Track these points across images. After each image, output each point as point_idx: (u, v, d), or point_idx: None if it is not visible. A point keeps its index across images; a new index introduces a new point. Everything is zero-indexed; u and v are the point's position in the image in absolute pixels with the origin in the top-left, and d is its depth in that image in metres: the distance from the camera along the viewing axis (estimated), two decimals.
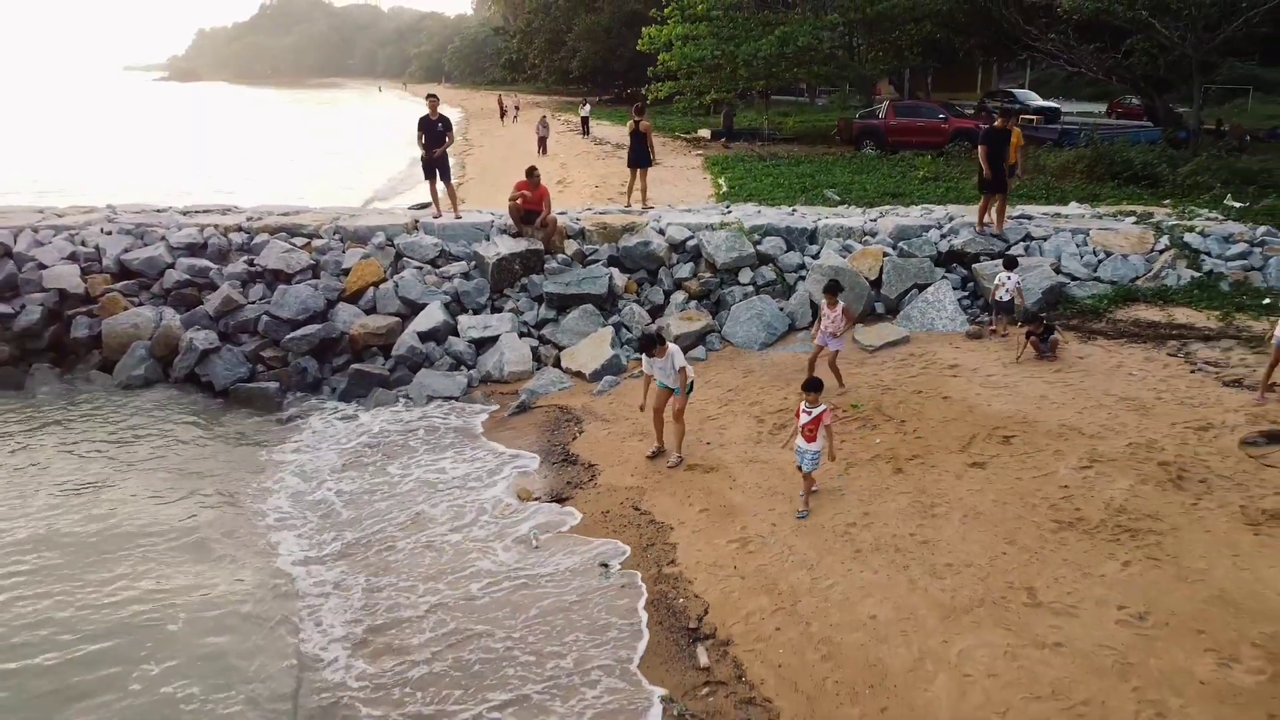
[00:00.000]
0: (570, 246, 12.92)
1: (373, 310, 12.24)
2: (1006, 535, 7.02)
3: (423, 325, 11.80)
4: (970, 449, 8.45)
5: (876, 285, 12.42)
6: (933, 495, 7.71)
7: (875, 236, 13.19)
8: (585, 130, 36.99)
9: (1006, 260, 11.60)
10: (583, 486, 8.73)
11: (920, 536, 7.14)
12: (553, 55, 64.33)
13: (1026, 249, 12.72)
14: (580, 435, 9.82)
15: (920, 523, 7.32)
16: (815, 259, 12.86)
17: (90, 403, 11.09)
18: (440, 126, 13.29)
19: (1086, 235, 12.98)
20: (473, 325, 11.91)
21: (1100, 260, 12.51)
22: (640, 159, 15.05)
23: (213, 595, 7.27)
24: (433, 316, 11.91)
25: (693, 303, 12.41)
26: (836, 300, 9.77)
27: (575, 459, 9.28)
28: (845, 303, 10.12)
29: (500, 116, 52.37)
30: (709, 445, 9.18)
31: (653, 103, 33.61)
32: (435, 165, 13.43)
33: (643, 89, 33.78)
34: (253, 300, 12.33)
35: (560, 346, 11.82)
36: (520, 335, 11.88)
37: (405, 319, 12.04)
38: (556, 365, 11.59)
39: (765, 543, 7.29)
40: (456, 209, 13.80)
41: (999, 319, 11.49)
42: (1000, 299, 11.34)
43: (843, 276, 12.05)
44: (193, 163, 38.66)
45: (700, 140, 32.08)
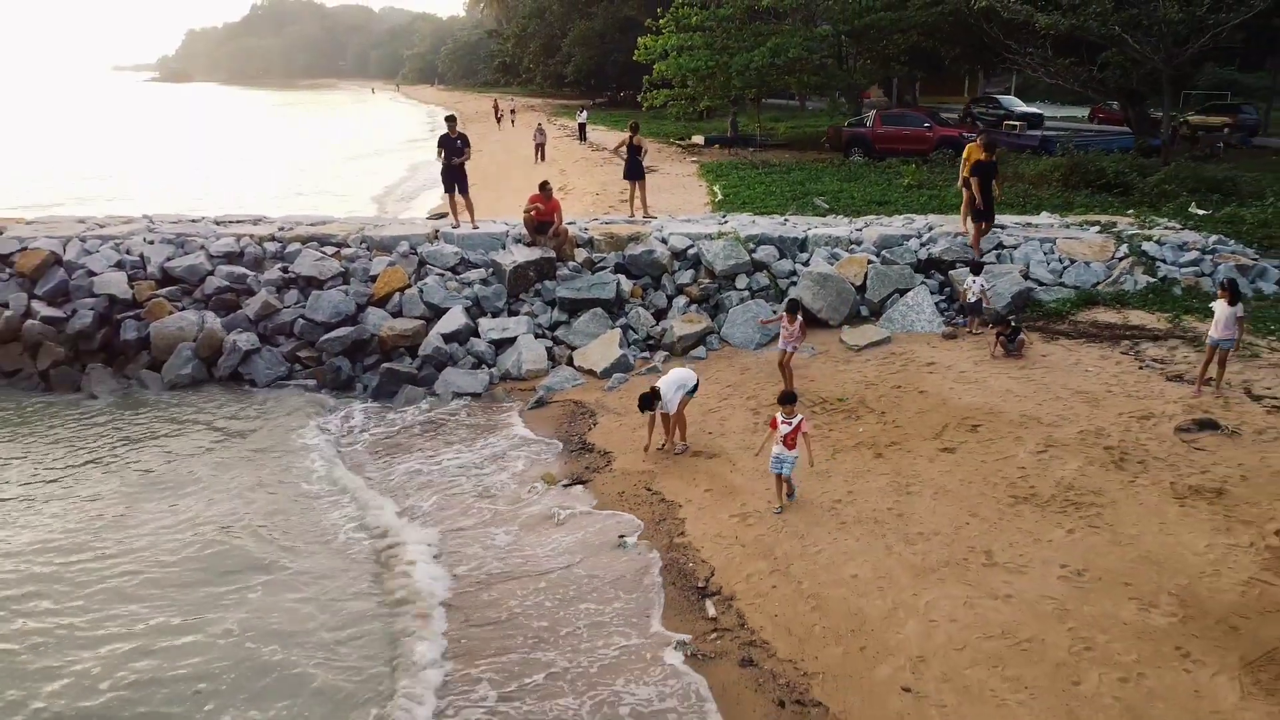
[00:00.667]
0: (580, 255, 14.02)
1: (399, 314, 13.30)
2: (970, 509, 8.15)
3: (446, 327, 12.87)
4: (942, 436, 9.59)
5: (861, 290, 13.53)
6: (908, 476, 8.84)
7: (860, 245, 14.32)
8: (582, 136, 38.03)
9: (973, 266, 12.80)
10: (600, 471, 9.82)
11: (896, 511, 8.26)
12: (548, 60, 65.27)
13: (998, 257, 13.88)
14: (595, 426, 10.92)
15: (896, 499, 8.45)
16: (806, 266, 13.97)
17: (167, 404, 12.19)
18: (459, 144, 14.36)
19: (1054, 244, 14.15)
20: (492, 327, 12.99)
21: (1065, 267, 13.68)
22: (635, 172, 16.19)
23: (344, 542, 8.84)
24: (455, 319, 12.98)
25: (694, 306, 13.51)
26: (796, 317, 10.89)
27: (592, 447, 10.38)
28: (802, 319, 11.23)
29: (496, 121, 53.35)
30: (711, 435, 10.29)
31: (647, 109, 34.79)
32: (454, 178, 14.50)
33: (639, 97, 34.83)
34: (288, 305, 13.39)
35: (573, 347, 12.91)
36: (536, 336, 12.97)
37: (429, 322, 13.10)
38: (569, 364, 12.67)
39: (762, 517, 8.39)
40: (474, 219, 14.87)
41: (973, 320, 12.65)
42: (970, 300, 12.51)
43: (830, 282, 13.21)
44: (195, 168, 39.55)
45: (695, 147, 33.12)
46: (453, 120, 14.77)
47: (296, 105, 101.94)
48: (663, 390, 9.55)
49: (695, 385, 9.92)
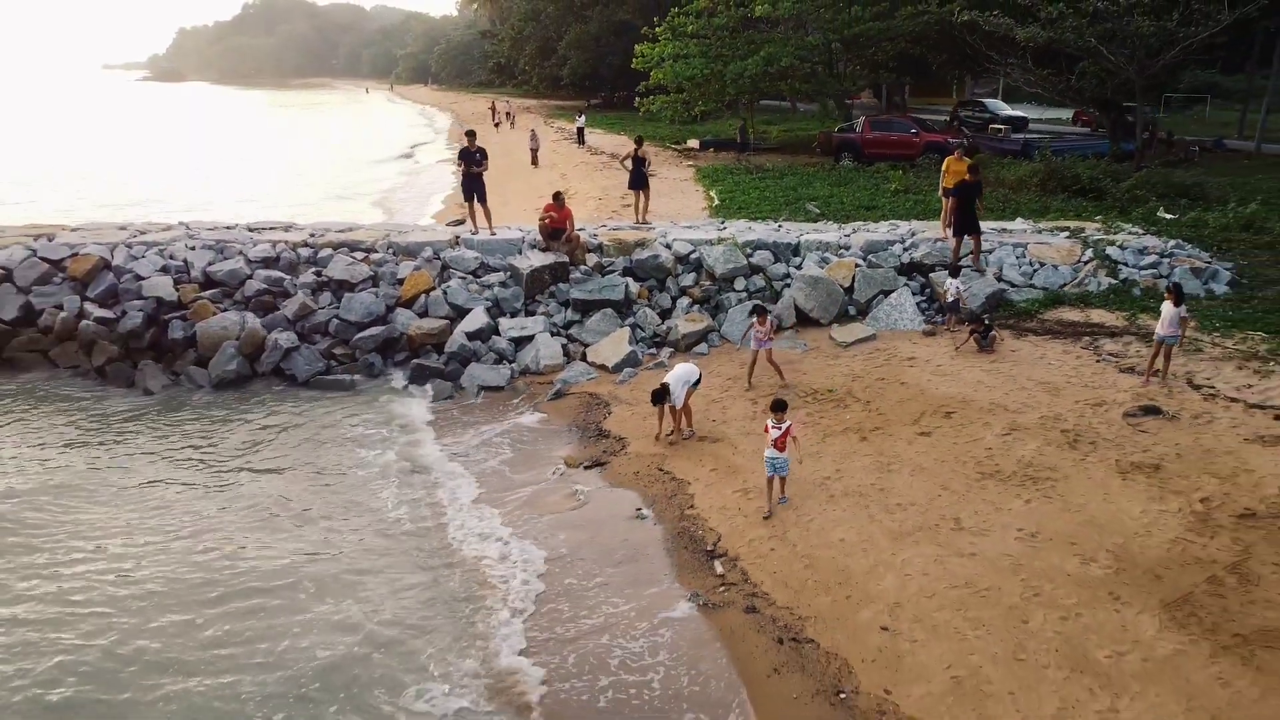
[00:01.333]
0: (591, 259, 15.21)
1: (425, 314, 14.47)
2: (942, 483, 9.38)
3: (469, 326, 14.04)
4: (920, 422, 10.82)
5: (850, 291, 14.73)
6: (889, 456, 10.06)
7: (849, 250, 15.55)
8: (581, 140, 39.13)
9: (951, 269, 14.04)
10: (616, 454, 11.01)
11: (878, 486, 9.47)
12: (543, 62, 66.28)
13: (966, 260, 15.09)
14: (609, 415, 12.10)
15: (879, 476, 9.66)
16: (798, 269, 15.18)
17: (231, 402, 13.30)
18: (478, 156, 15.53)
19: (1025, 248, 15.40)
20: (512, 326, 14.17)
21: (1035, 270, 14.93)
22: (639, 182, 17.43)
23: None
24: (477, 319, 14.16)
25: (696, 307, 14.71)
26: (765, 319, 12.22)
27: (608, 434, 11.57)
28: (775, 317, 12.71)
29: (494, 125, 54.37)
30: (714, 422, 11.49)
31: (644, 114, 35.97)
32: (473, 188, 15.67)
33: (635, 102, 35.97)
34: (322, 306, 14.54)
35: (585, 344, 14.09)
36: (552, 335, 14.15)
37: (454, 321, 14.27)
38: (583, 359, 13.85)
39: (762, 491, 9.57)
40: (492, 226, 16.05)
41: (951, 318, 13.89)
42: (949, 300, 13.76)
43: (821, 284, 14.42)
44: (200, 172, 40.52)
45: (690, 151, 34.28)
46: (472, 135, 15.96)
47: (293, 106, 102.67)
48: (671, 385, 10.73)
49: (699, 379, 11.12)
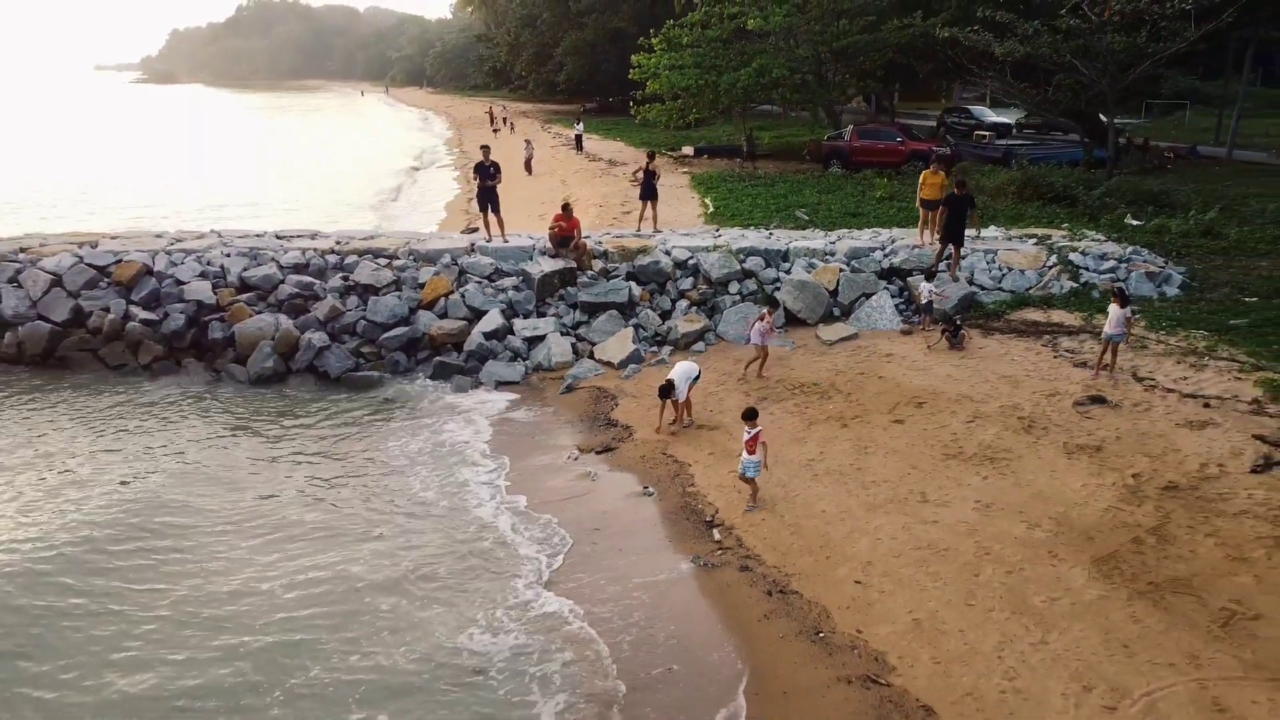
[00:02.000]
0: (597, 265, 16.51)
1: (445, 315, 15.73)
2: (911, 463, 10.70)
3: (486, 327, 15.32)
4: (894, 411, 12.14)
5: (834, 294, 16.05)
6: (866, 441, 11.38)
7: (834, 256, 16.87)
8: (579, 147, 40.36)
9: (927, 274, 15.39)
10: (624, 441, 12.31)
11: (856, 466, 10.79)
12: (540, 68, 67.53)
13: (947, 266, 16.45)
14: (616, 407, 13.40)
15: (856, 457, 10.98)
16: (788, 274, 16.50)
17: (273, 398, 14.54)
18: (493, 170, 16.83)
19: (995, 254, 16.75)
20: (525, 327, 15.45)
21: (1004, 274, 16.28)
22: (650, 193, 18.76)
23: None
24: (493, 320, 15.43)
25: (693, 308, 16.02)
26: (774, 312, 13.84)
27: (615, 423, 12.87)
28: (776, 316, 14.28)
29: (493, 130, 55.65)
30: (711, 412, 12.80)
31: (640, 122, 37.24)
32: (488, 199, 16.96)
33: (631, 109, 37.22)
34: (350, 308, 15.80)
35: (593, 343, 15.38)
36: (562, 334, 15.44)
37: (471, 322, 15.54)
38: (591, 357, 15.13)
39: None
40: (505, 234, 17.33)
41: (926, 319, 15.22)
42: (923, 302, 15.11)
43: (808, 288, 15.75)
44: (206, 177, 41.66)
45: (685, 158, 35.57)
46: (487, 149, 17.26)
47: (291, 109, 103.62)
48: (675, 381, 12.02)
49: (698, 376, 12.43)
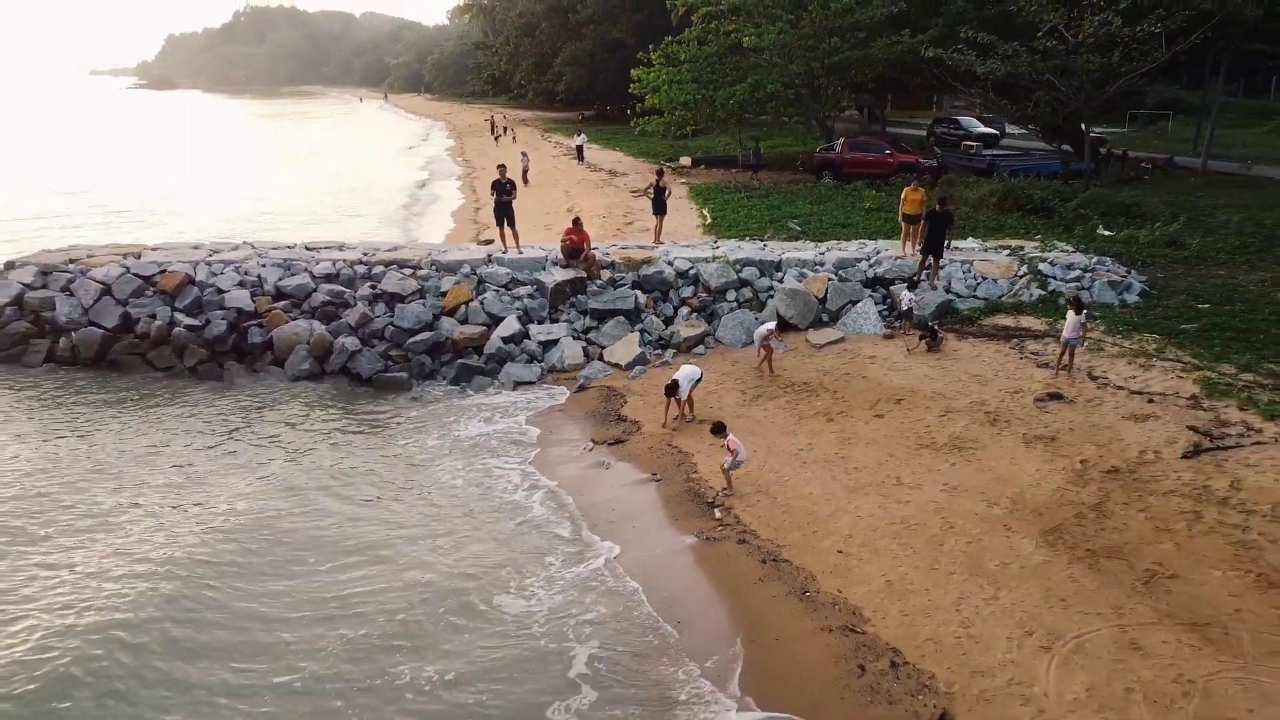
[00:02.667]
0: (605, 274, 17.91)
1: (466, 321, 17.10)
2: (889, 452, 12.10)
3: (504, 332, 16.69)
4: (876, 407, 13.55)
5: (824, 301, 17.46)
6: (849, 433, 12.79)
7: (823, 266, 18.29)
8: (580, 157, 41.77)
9: (909, 283, 16.82)
10: (632, 434, 13.69)
11: (840, 454, 12.19)
12: (540, 77, 69.08)
13: (926, 275, 17.88)
14: (625, 404, 14.79)
15: (841, 447, 12.39)
16: (780, 282, 17.91)
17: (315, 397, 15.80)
18: (508, 186, 18.23)
19: (971, 264, 18.19)
20: (540, 332, 16.84)
21: (979, 283, 17.71)
22: (661, 208, 20.26)
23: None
24: (510, 326, 16.81)
25: (694, 315, 17.42)
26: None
27: (625, 418, 14.25)
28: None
29: (494, 138, 57.04)
30: (711, 409, 14.18)
31: (639, 133, 38.68)
32: (504, 214, 18.36)
33: (630, 122, 38.63)
34: (378, 315, 17.16)
35: (602, 346, 16.76)
36: (574, 338, 16.82)
37: (490, 327, 16.91)
38: (600, 359, 16.51)
39: (749, 460, 12.27)
40: (520, 246, 18.73)
41: (906, 324, 16.64)
42: (904, 309, 16.54)
43: (799, 295, 17.16)
44: (222, 187, 42.94)
45: (683, 169, 36.98)
46: (503, 168, 18.70)
47: (291, 116, 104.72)
48: (680, 382, 13.41)
49: (700, 378, 13.83)
